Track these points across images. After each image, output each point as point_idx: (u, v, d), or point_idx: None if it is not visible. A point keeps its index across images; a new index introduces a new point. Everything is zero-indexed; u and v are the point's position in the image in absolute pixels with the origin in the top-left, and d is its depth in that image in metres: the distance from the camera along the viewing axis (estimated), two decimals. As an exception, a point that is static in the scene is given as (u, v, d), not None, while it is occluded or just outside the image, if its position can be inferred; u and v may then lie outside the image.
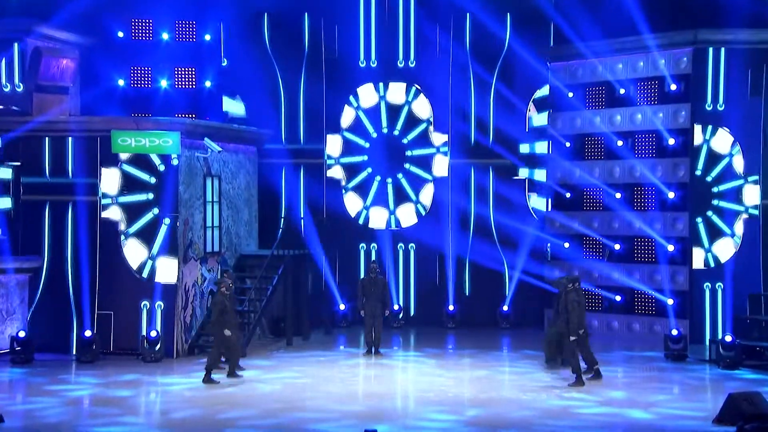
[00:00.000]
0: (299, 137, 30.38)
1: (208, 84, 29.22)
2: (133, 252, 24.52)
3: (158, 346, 23.52)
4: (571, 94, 28.40)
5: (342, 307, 28.99)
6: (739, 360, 22.66)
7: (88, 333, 23.56)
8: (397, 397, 20.30)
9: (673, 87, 26.61)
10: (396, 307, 29.05)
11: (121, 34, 28.99)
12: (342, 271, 29.79)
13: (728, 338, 22.83)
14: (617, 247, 27.66)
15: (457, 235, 30.27)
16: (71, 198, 24.61)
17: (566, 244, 28.43)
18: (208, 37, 29.30)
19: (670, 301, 26.32)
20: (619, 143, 27.53)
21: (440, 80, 30.55)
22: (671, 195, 26.56)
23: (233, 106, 29.22)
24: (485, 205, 30.38)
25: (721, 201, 26.47)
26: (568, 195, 28.57)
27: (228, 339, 21.10)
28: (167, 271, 24.28)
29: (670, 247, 26.53)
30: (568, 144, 28.59)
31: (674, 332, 23.96)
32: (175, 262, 24.31)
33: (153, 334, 23.57)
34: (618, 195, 27.55)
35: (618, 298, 27.61)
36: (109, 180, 24.55)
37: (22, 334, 23.42)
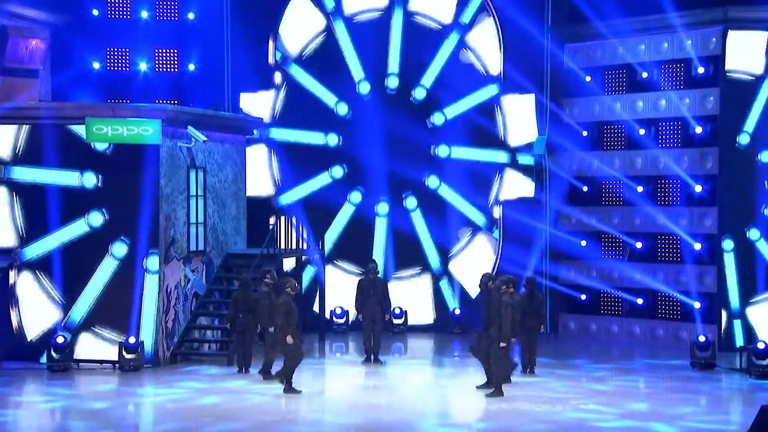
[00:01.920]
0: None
1: (191, 67, 29.22)
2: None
3: (137, 353, 23.49)
4: (588, 78, 28.42)
5: (338, 310, 28.98)
6: (772, 369, 22.72)
7: (60, 339, 23.54)
8: (398, 409, 20.30)
9: (701, 70, 26.61)
10: (397, 310, 29.01)
11: (96, 12, 29.00)
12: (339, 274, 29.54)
13: (761, 345, 22.85)
14: (639, 245, 27.69)
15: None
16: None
17: (583, 242, 28.46)
18: (191, 16, 29.29)
19: (697, 305, 26.35)
20: (642, 132, 27.56)
21: None
22: (698, 188, 26.57)
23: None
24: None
25: None
26: (585, 188, 28.59)
27: (290, 346, 20.83)
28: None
29: (697, 246, 26.55)
30: (585, 132, 28.61)
31: (701, 339, 23.98)
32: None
33: (132, 340, 23.54)
34: (640, 188, 27.57)
35: (640, 301, 27.64)
36: None
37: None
